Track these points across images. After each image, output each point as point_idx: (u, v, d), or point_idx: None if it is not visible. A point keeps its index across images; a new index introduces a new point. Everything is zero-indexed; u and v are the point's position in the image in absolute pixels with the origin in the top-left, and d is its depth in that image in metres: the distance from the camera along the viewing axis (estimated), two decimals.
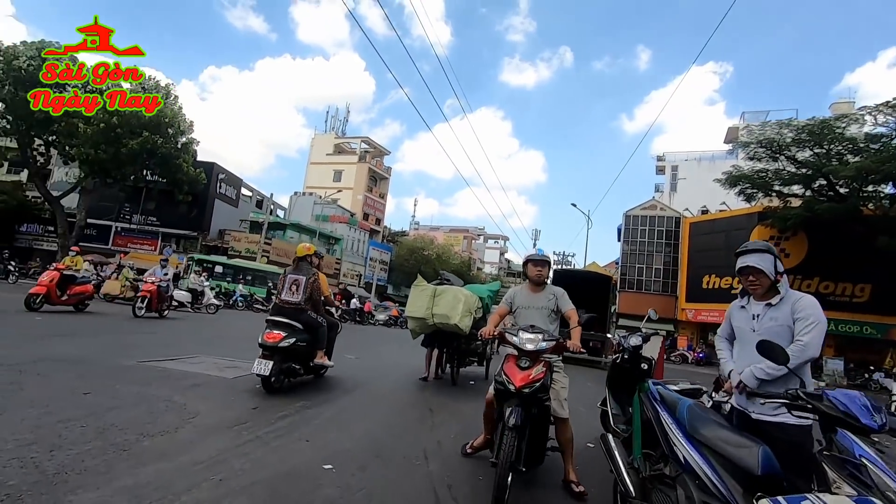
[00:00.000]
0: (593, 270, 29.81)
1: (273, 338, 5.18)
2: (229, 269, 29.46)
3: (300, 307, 5.54)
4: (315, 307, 5.79)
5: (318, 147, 52.22)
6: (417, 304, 7.06)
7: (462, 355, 7.97)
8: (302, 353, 5.54)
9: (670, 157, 43.94)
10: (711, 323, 30.97)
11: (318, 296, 5.81)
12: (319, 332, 5.72)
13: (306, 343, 5.53)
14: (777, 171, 25.52)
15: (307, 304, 5.60)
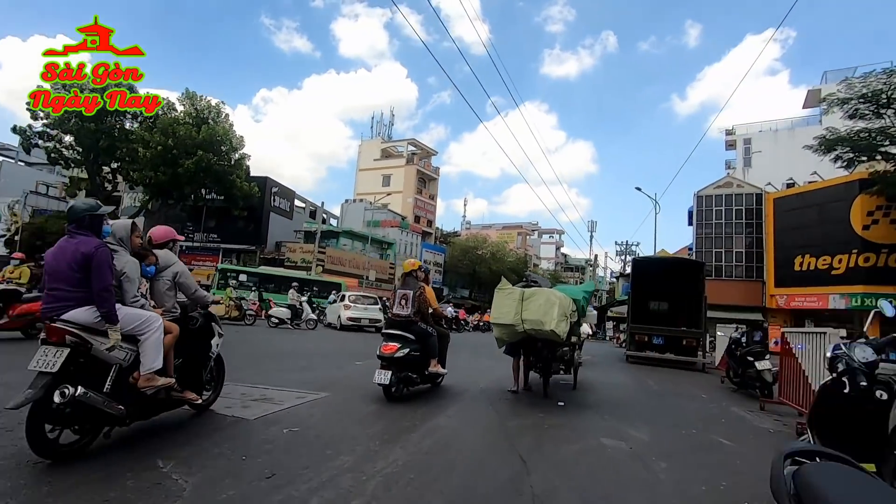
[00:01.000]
0: (681, 256, 26.89)
1: (389, 349, 5.55)
2: (253, 276, 28.43)
3: (410, 319, 5.87)
4: (424, 318, 6.05)
5: (365, 153, 51.91)
6: (504, 310, 6.31)
7: (550, 363, 7.03)
8: (416, 362, 5.84)
9: (741, 129, 39.81)
10: (808, 309, 27.26)
11: (425, 308, 6.05)
12: (430, 341, 5.97)
13: (419, 353, 5.82)
14: (883, 128, 21.82)
15: (416, 316, 5.91)
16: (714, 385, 9.84)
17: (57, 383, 2.91)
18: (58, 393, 2.88)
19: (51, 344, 3.02)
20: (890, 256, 24.11)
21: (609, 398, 7.35)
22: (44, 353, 2.98)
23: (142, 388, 3.35)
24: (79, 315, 3.10)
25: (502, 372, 8.97)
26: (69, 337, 3.01)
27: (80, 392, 2.93)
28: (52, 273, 3.17)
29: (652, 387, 8.96)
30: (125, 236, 3.60)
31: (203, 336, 4.31)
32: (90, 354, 3.10)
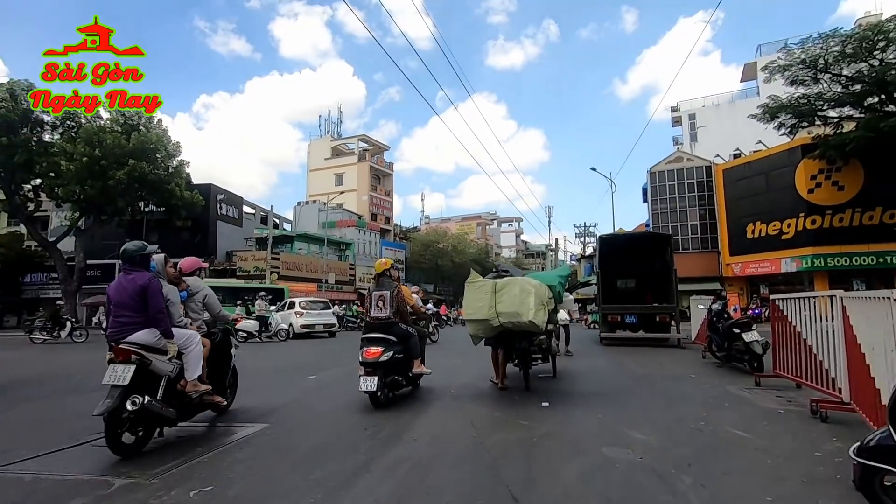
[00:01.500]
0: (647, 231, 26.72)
1: (373, 354, 5.27)
2: None
3: (391, 320, 5.62)
4: (403, 318, 5.81)
5: (315, 153, 49.82)
6: (477, 304, 5.95)
7: (528, 355, 6.62)
8: (401, 364, 5.63)
9: (685, 106, 40.55)
10: (762, 275, 27.91)
11: (404, 307, 5.84)
12: (412, 341, 5.78)
13: (403, 354, 5.60)
14: (820, 94, 22.33)
15: (396, 317, 5.67)
16: (696, 361, 9.29)
17: (128, 394, 3.59)
18: (129, 402, 3.57)
19: (118, 362, 3.67)
20: (834, 217, 24.86)
21: (595, 390, 6.55)
22: (113, 370, 3.64)
23: (189, 392, 4.09)
24: (141, 336, 3.80)
25: (474, 369, 8.25)
26: (134, 356, 3.68)
27: (147, 400, 3.63)
28: (116, 303, 3.86)
29: (636, 370, 8.27)
30: (162, 269, 4.33)
31: (224, 348, 4.97)
32: (148, 369, 3.75)
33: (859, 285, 25.27)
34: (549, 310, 6.36)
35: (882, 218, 24.01)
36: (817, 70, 20.96)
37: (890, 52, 20.09)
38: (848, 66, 20.75)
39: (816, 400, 4.83)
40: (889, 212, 23.90)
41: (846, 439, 3.98)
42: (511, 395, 6.24)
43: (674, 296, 12.32)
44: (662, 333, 12.60)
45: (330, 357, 11.36)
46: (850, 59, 20.16)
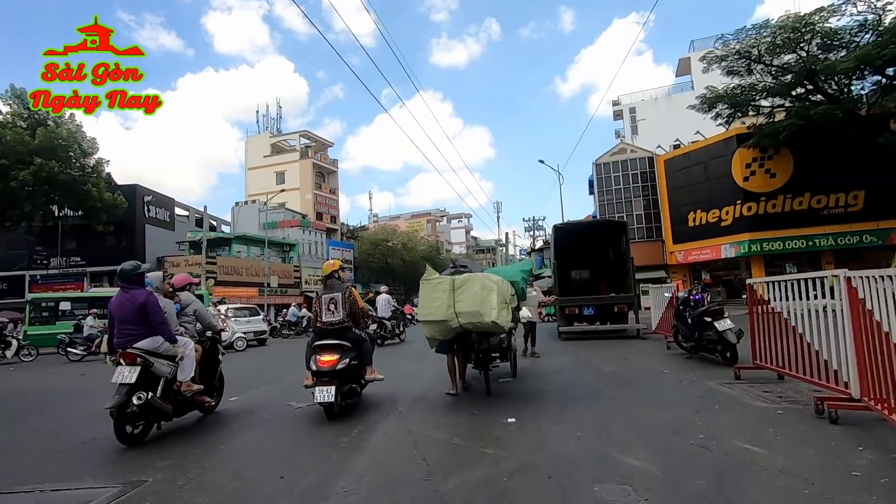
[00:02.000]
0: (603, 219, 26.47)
1: (328, 363, 4.87)
2: (80, 302, 21.56)
3: (345, 325, 5.26)
4: (356, 322, 5.50)
5: (253, 150, 46.88)
6: (434, 304, 5.44)
7: (489, 357, 6.07)
8: (356, 371, 5.28)
9: (625, 100, 41.35)
10: (704, 261, 28.67)
11: (357, 310, 5.48)
12: (365, 347, 5.46)
13: (357, 361, 5.25)
14: (753, 85, 22.99)
15: (349, 321, 5.32)
16: (662, 353, 8.71)
17: (133, 391, 4.22)
18: (136, 397, 4.22)
19: (126, 364, 4.27)
20: (768, 203, 25.77)
21: (565, 394, 5.69)
22: (121, 371, 4.24)
23: (184, 391, 4.71)
24: (144, 344, 4.41)
25: (428, 374, 7.32)
26: (139, 359, 4.31)
27: (150, 396, 4.28)
28: (119, 318, 4.44)
29: (602, 367, 7.53)
30: (159, 285, 4.92)
31: (212, 354, 5.41)
32: (149, 371, 4.37)
33: (791, 268, 26.41)
34: (512, 308, 5.89)
35: (810, 203, 25.10)
36: (751, 60, 21.49)
37: (814, 43, 20.89)
38: (778, 57, 21.39)
39: (822, 398, 4.15)
40: (816, 197, 25.02)
41: (874, 448, 3.28)
42: (471, 404, 5.31)
43: (631, 285, 11.84)
44: (621, 324, 12.11)
45: (258, 370, 9.94)
46: (780, 50, 20.77)
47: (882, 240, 24.13)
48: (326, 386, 4.76)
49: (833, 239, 24.72)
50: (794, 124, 20.18)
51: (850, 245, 24.62)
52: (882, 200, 23.92)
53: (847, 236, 24.59)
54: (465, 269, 6.33)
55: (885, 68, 18.31)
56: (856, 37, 20.09)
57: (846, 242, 24.62)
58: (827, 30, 19.85)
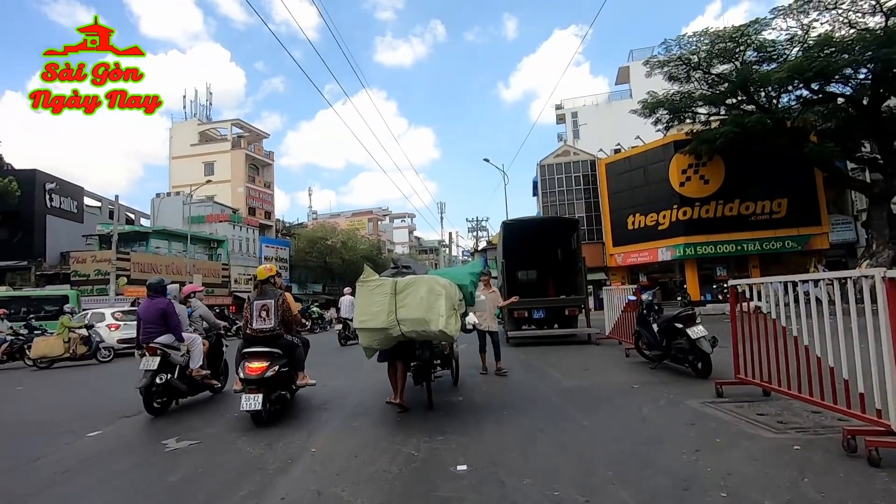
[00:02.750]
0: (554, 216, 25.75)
1: (256, 370, 4.79)
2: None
3: (276, 332, 5.12)
4: (288, 329, 5.39)
5: (179, 138, 42.82)
6: (372, 310, 4.76)
7: (430, 366, 5.49)
8: (286, 378, 5.23)
9: (568, 104, 41.75)
10: (641, 264, 29.12)
11: (289, 317, 5.37)
12: (297, 353, 5.42)
13: (288, 368, 5.21)
14: (689, 92, 23.46)
15: (281, 328, 5.19)
16: (623, 362, 7.86)
17: (156, 374, 5.50)
18: (158, 378, 5.50)
19: (149, 355, 5.53)
20: (702, 209, 26.50)
21: (528, 422, 4.55)
22: (146, 360, 5.52)
23: (195, 376, 5.92)
24: (162, 339, 5.69)
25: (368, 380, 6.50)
26: (158, 350, 5.54)
27: (169, 377, 5.58)
28: (145, 319, 5.80)
29: (562, 380, 6.52)
30: (177, 294, 6.58)
31: (217, 347, 6.65)
32: (167, 360, 5.60)
33: (721, 271, 27.37)
34: (460, 314, 5.25)
35: (740, 209, 26.04)
36: (690, 67, 21.81)
37: (748, 54, 21.54)
38: (715, 66, 21.87)
39: (852, 430, 3.27)
40: (745, 204, 25.99)
41: None
42: (410, 431, 4.05)
43: (583, 286, 11.05)
44: (572, 329, 11.31)
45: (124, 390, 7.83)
46: (717, 59, 21.21)
47: (802, 245, 25.43)
48: (254, 394, 4.72)
49: (759, 244, 25.77)
50: (730, 131, 20.64)
51: (774, 250, 25.78)
52: (802, 208, 25.26)
53: (772, 241, 25.71)
54: (408, 271, 5.65)
55: (813, 81, 19.05)
56: (785, 50, 20.89)
57: (770, 247, 25.76)
58: (761, 41, 20.46)
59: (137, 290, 28.99)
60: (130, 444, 4.57)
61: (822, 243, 25.28)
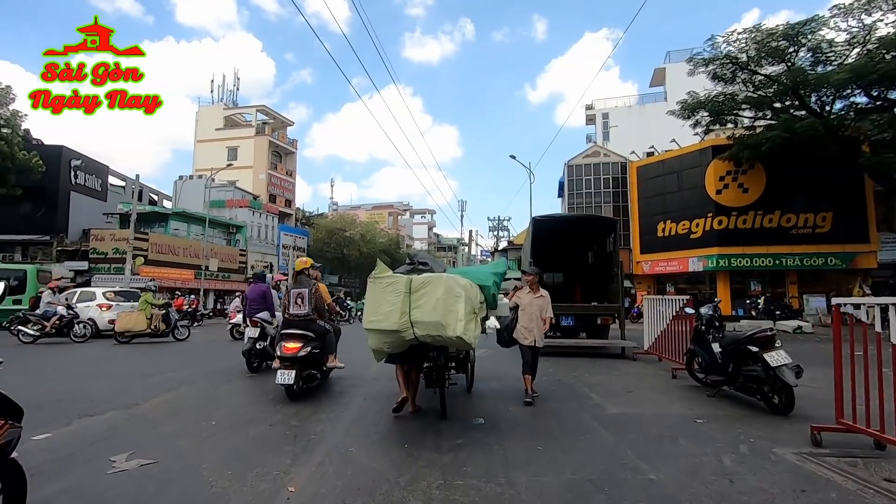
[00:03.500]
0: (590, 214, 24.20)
1: (291, 349, 5.40)
2: None
3: (309, 317, 5.77)
4: (321, 315, 5.98)
5: (204, 122, 42.64)
6: (384, 309, 4.31)
7: (445, 372, 4.89)
8: (317, 359, 5.79)
9: (599, 104, 40.19)
10: (670, 273, 27.59)
11: (322, 305, 5.97)
12: (328, 338, 5.93)
13: (319, 350, 5.76)
14: (733, 94, 21.88)
15: (314, 314, 5.82)
16: (670, 384, 6.71)
17: (256, 341, 7.42)
18: (257, 344, 7.40)
19: (252, 326, 7.48)
20: (739, 219, 24.89)
21: (565, 458, 3.49)
22: (249, 330, 7.57)
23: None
24: (261, 315, 7.51)
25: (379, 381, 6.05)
26: (259, 323, 7.43)
27: (263, 346, 7.44)
28: (251, 299, 7.76)
29: (605, 406, 5.41)
30: (270, 282, 8.42)
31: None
32: (264, 331, 7.45)
33: (755, 285, 25.73)
34: (481, 318, 4.76)
35: (780, 221, 24.35)
36: (738, 66, 20.26)
37: (801, 56, 19.91)
38: (765, 67, 20.30)
39: None
40: (786, 216, 24.29)
41: None
42: (419, 465, 3.03)
43: (619, 294, 9.87)
44: (604, 340, 10.15)
45: (126, 380, 6.81)
46: (768, 58, 19.63)
47: (846, 263, 23.64)
48: (288, 370, 5.30)
49: (799, 259, 24.05)
50: (778, 136, 19.05)
51: (814, 266, 24.03)
52: (849, 223, 23.45)
53: (813, 257, 23.96)
54: (425, 268, 5.18)
55: (876, 85, 17.39)
56: (844, 51, 19.22)
57: (811, 263, 24.00)
58: (817, 41, 18.83)
59: (153, 271, 28.73)
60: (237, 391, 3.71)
61: (868, 262, 23.45)
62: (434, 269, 5.17)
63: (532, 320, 5.71)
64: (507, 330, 5.83)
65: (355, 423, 4.61)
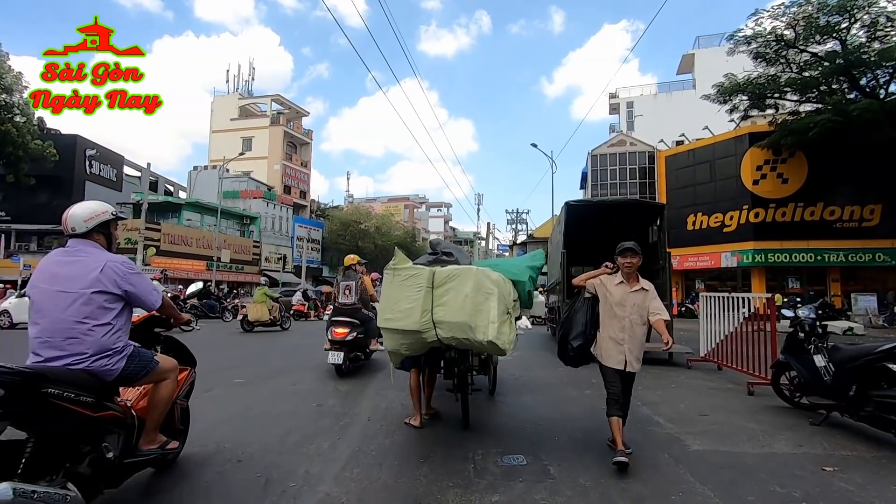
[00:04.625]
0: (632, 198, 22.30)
1: (340, 334, 6.25)
2: None
3: (355, 306, 6.60)
4: (365, 305, 6.74)
5: (220, 112, 41.93)
6: (403, 306, 3.73)
7: (467, 377, 4.29)
8: (362, 343, 6.62)
9: (623, 93, 38.31)
10: (701, 269, 25.85)
11: (366, 296, 6.75)
12: (371, 325, 6.57)
13: (363, 335, 6.54)
14: (775, 76, 20.05)
15: (359, 304, 6.63)
16: (749, 404, 5.29)
17: None
18: None
19: None
20: (777, 211, 23.06)
21: None
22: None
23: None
24: None
25: None
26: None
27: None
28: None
29: (680, 438, 4.07)
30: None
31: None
32: None
33: (793, 283, 23.89)
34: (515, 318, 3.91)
35: (823, 214, 22.46)
36: (784, 44, 18.46)
37: (854, 31, 18.02)
38: (814, 44, 18.46)
39: None
40: (829, 208, 22.39)
41: None
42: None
43: (667, 289, 8.49)
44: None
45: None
46: (819, 34, 17.78)
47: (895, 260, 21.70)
48: (337, 351, 6.19)
49: (843, 255, 22.14)
50: (828, 120, 17.23)
51: (860, 263, 22.10)
52: None
53: (859, 253, 22.03)
54: (450, 259, 4.57)
55: None
56: None
57: (857, 260, 22.08)
58: (877, 13, 16.90)
59: (165, 261, 28.05)
60: None
61: None
62: (460, 261, 4.52)
63: (627, 328, 3.49)
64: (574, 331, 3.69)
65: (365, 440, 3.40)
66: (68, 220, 2.37)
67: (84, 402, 2.02)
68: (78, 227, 2.35)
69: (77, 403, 1.98)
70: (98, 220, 2.40)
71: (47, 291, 2.22)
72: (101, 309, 2.23)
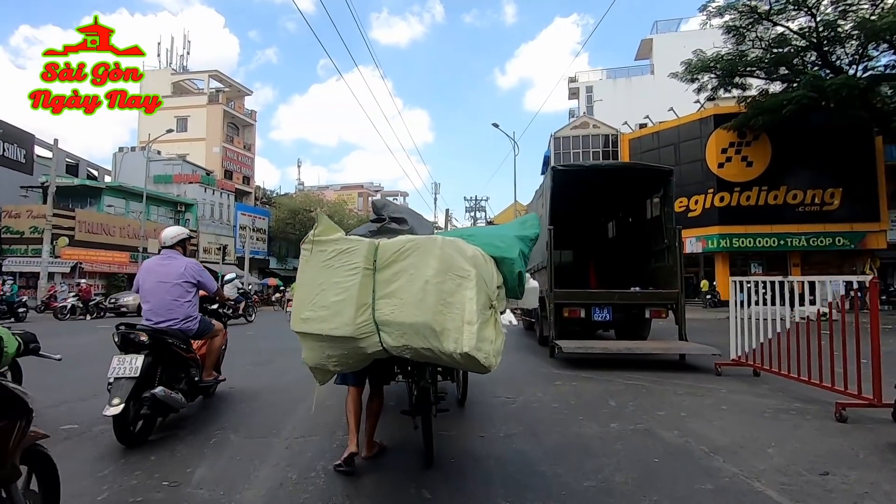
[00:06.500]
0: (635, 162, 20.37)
1: None
2: None
3: None
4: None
5: (149, 89, 37.25)
6: (330, 299, 2.34)
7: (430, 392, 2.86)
8: None
9: (583, 77, 37.15)
10: None
11: None
12: None
13: None
14: (744, 53, 19.12)
15: None
16: (858, 440, 3.50)
17: None
18: None
19: None
20: (742, 195, 22.42)
21: None
22: None
23: None
24: None
25: None
26: None
27: None
28: None
29: (729, 489, 2.18)
30: None
31: None
32: None
33: (756, 268, 23.43)
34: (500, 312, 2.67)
35: (786, 198, 22.03)
36: (757, 16, 17.38)
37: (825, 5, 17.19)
38: (786, 18, 17.52)
39: None
40: (792, 192, 21.96)
41: None
42: None
43: (676, 274, 6.75)
44: (663, 344, 7.03)
45: None
46: (794, 5, 16.80)
47: (854, 243, 21.50)
48: None
49: (805, 239, 21.78)
50: (803, 96, 16.31)
51: (821, 247, 21.81)
52: (859, 201, 21.27)
53: (820, 237, 21.72)
54: (402, 228, 2.92)
55: None
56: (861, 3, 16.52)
57: (818, 244, 21.77)
58: None
59: (80, 253, 24.20)
60: None
61: (878, 242, 21.37)
62: (416, 231, 2.91)
63: None
64: None
65: None
66: (162, 238, 3.87)
67: (182, 347, 3.58)
68: (168, 242, 3.84)
69: (180, 348, 3.52)
70: (178, 238, 3.90)
71: (153, 283, 3.65)
72: (185, 292, 3.68)
